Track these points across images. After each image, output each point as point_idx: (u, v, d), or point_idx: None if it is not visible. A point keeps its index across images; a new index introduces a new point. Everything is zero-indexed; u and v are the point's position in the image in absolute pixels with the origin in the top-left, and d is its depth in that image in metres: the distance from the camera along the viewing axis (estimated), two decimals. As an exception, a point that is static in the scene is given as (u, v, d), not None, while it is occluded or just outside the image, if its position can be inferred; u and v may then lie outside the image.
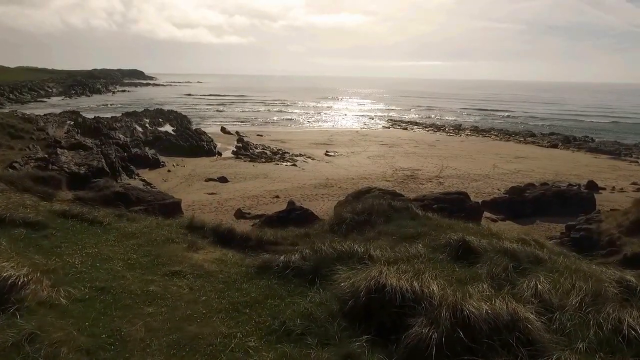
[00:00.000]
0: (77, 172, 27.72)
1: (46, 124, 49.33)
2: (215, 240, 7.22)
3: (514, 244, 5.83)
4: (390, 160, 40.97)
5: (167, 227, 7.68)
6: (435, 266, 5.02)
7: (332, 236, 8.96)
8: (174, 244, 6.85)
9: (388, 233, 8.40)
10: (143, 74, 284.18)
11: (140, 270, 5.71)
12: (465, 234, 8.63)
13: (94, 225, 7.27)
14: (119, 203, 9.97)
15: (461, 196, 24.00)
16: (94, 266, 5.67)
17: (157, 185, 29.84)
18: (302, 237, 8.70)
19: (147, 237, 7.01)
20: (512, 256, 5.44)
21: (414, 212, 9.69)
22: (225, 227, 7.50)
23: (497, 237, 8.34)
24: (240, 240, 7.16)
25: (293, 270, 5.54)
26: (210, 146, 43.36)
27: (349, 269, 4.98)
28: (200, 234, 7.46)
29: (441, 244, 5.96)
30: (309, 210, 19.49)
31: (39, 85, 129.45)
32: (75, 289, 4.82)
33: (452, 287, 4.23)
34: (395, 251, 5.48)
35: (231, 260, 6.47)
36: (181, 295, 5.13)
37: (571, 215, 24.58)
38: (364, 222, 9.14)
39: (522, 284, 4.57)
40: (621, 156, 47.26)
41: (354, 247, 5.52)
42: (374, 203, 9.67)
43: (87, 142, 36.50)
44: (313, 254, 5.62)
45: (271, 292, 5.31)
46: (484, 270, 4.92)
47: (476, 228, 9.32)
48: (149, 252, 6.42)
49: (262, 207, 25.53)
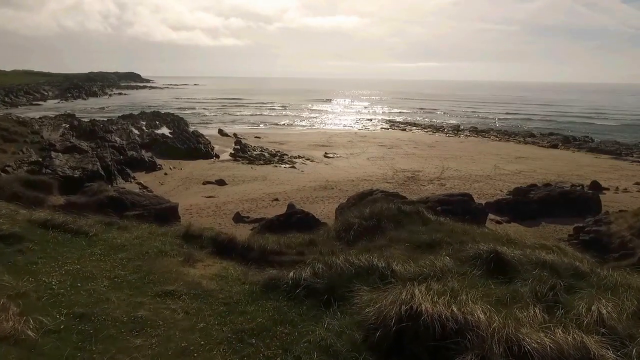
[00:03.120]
0: (72, 175, 27.06)
1: (41, 127, 48.62)
2: (214, 250, 6.52)
3: (551, 255, 5.15)
4: (390, 162, 40.39)
5: (160, 238, 6.94)
6: (469, 283, 4.34)
7: (340, 243, 8.32)
8: (168, 257, 6.14)
9: (400, 240, 7.76)
10: (140, 76, 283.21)
11: (128, 291, 4.98)
12: (482, 240, 7.99)
13: (79, 236, 6.50)
14: (110, 210, 9.30)
15: (465, 198, 23.42)
16: (74, 287, 4.92)
17: (153, 188, 29.18)
18: (308, 245, 8.06)
19: (138, 250, 6.29)
20: (551, 269, 4.79)
21: (425, 217, 9.06)
22: (224, 237, 6.78)
23: (516, 244, 7.72)
24: (242, 250, 6.48)
25: (304, 289, 4.84)
26: (208, 148, 42.69)
27: (370, 289, 4.30)
28: (198, 244, 6.78)
29: (469, 255, 5.28)
30: (310, 214, 18.85)
31: (35, 88, 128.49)
32: (49, 317, 4.08)
33: (500, 313, 3.52)
34: (420, 265, 4.81)
35: (232, 275, 5.78)
36: (175, 321, 4.42)
37: (577, 217, 24.05)
38: (372, 227, 8.50)
39: (578, 306, 3.85)
40: (622, 156, 46.84)
41: (373, 262, 4.82)
42: (383, 207, 9.03)
43: (83, 145, 35.82)
44: (327, 269, 4.93)
45: (280, 316, 4.59)
46: (526, 288, 4.25)
47: (493, 233, 8.70)
48: (140, 267, 5.70)
49: (261, 211, 24.88)
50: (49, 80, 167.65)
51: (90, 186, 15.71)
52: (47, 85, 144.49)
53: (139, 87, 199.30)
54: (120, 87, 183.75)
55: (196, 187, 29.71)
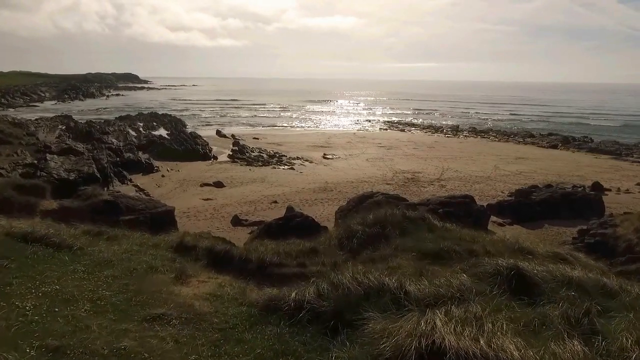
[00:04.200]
0: (67, 178, 26.57)
1: (37, 128, 48.16)
2: (210, 263, 6.06)
3: (576, 271, 4.72)
4: (390, 163, 40.01)
5: (151, 250, 6.45)
6: (492, 306, 3.89)
7: (342, 252, 7.88)
8: (158, 274, 5.65)
9: (406, 249, 7.34)
10: (137, 77, 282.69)
11: (111, 316, 4.46)
12: (492, 248, 7.58)
13: (61, 251, 5.95)
14: (99, 219, 8.87)
15: (467, 200, 23.01)
16: (51, 312, 4.37)
17: (150, 191, 28.73)
18: (309, 253, 7.64)
19: (126, 266, 5.79)
20: (578, 287, 4.36)
21: (431, 223, 8.66)
22: (220, 248, 6.31)
23: (531, 253, 7.31)
24: (239, 262, 6.04)
25: (308, 312, 4.37)
26: (206, 150, 42.27)
27: (382, 314, 3.84)
28: (192, 256, 6.32)
29: (487, 271, 4.84)
30: (310, 217, 18.40)
31: (32, 89, 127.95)
32: (17, 352, 3.51)
33: (534, 346, 3.08)
34: (435, 285, 4.36)
35: (229, 294, 5.30)
36: (163, 352, 3.90)
37: (580, 219, 23.69)
38: (376, 235, 8.09)
39: (621, 338, 3.37)
40: (622, 156, 46.53)
41: (384, 281, 4.34)
42: (387, 213, 8.61)
43: (79, 147, 35.32)
44: (332, 289, 4.46)
45: (282, 346, 4.10)
46: (556, 312, 3.81)
47: (502, 241, 8.28)
48: (126, 287, 5.20)
49: (259, 213, 24.47)
50: (46, 82, 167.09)
51: (84, 190, 15.25)
52: (44, 86, 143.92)
53: (137, 88, 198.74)
54: (118, 88, 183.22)
55: (194, 190, 29.28)
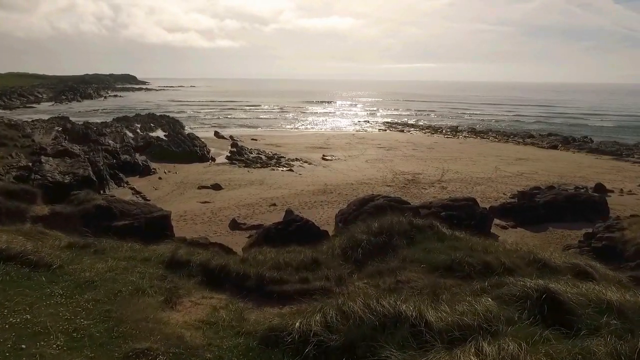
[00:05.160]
0: (61, 181, 26.04)
1: (33, 130, 47.56)
2: (205, 280, 5.54)
3: (615, 294, 4.21)
4: (390, 164, 39.57)
5: (140, 266, 5.87)
6: (526, 339, 3.37)
7: (346, 264, 7.40)
8: (146, 297, 5.04)
9: (415, 260, 6.87)
10: (135, 78, 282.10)
11: (88, 352, 3.84)
12: (507, 258, 7.11)
13: (39, 270, 5.30)
14: (87, 230, 8.39)
15: (470, 203, 22.56)
16: (16, 350, 3.73)
17: (147, 193, 28.23)
18: (311, 264, 7.16)
19: (110, 288, 5.19)
20: (619, 315, 3.87)
21: (440, 232, 8.18)
22: (216, 264, 5.75)
23: (546, 264, 6.85)
24: (236, 278, 5.53)
25: (315, 347, 3.82)
26: (204, 151, 41.77)
27: (400, 351, 3.34)
28: (186, 272, 5.79)
29: (513, 293, 4.32)
30: (310, 222, 17.90)
31: (29, 90, 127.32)
32: None
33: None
34: (458, 312, 3.86)
35: (224, 321, 4.73)
36: None
37: (584, 221, 23.25)
38: (382, 245, 7.61)
39: None
40: (623, 157, 46.20)
41: (400, 309, 3.77)
42: (393, 221, 8.13)
43: (75, 149, 34.75)
44: (342, 319, 3.92)
45: None
46: (602, 347, 3.29)
47: (516, 250, 7.80)
48: (108, 314, 4.59)
49: (258, 217, 23.98)
50: (43, 83, 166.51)
51: (77, 195, 14.73)
52: (41, 87, 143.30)
53: (135, 89, 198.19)
54: (115, 89, 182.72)
55: (191, 192, 28.77)
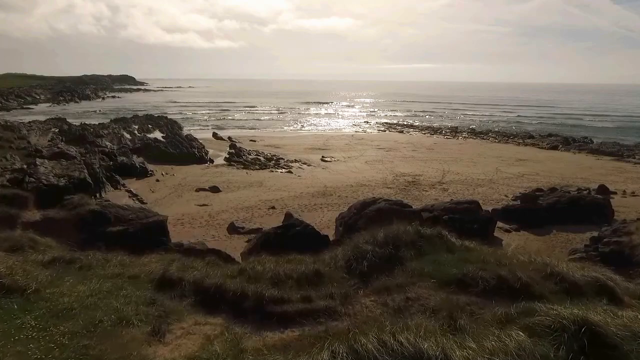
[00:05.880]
0: (56, 184, 25.62)
1: (29, 131, 47.14)
2: (198, 301, 5.14)
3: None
4: (389, 165, 39.27)
5: (127, 287, 5.29)
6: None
7: (352, 278, 7.06)
8: (130, 327, 4.46)
9: (424, 274, 6.53)
10: (134, 79, 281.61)
11: None
12: (522, 271, 6.78)
13: (12, 295, 4.61)
14: (73, 244, 8.02)
15: (472, 206, 22.26)
16: None
17: (144, 196, 27.87)
18: (313, 277, 6.82)
19: (90, 316, 4.54)
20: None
21: (450, 242, 7.84)
22: (211, 282, 5.24)
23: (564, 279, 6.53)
24: (233, 298, 5.13)
25: None
26: (202, 153, 41.39)
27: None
28: (178, 293, 5.31)
29: (545, 324, 3.89)
30: (310, 226, 17.58)
31: (27, 91, 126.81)
32: None
33: None
34: (487, 351, 3.47)
35: (218, 355, 4.21)
36: None
37: (589, 224, 22.94)
38: (389, 256, 7.27)
39: None
40: (624, 157, 45.89)
41: (421, 347, 3.36)
42: (399, 231, 7.78)
43: (71, 151, 34.33)
44: (352, 357, 3.51)
45: None
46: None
47: (530, 262, 7.42)
48: (86, 350, 4.01)
49: (257, 220, 23.64)
50: (41, 84, 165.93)
51: (71, 199, 14.38)
52: (39, 88, 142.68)
53: (133, 90, 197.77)
54: (114, 90, 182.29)
55: (189, 195, 28.42)
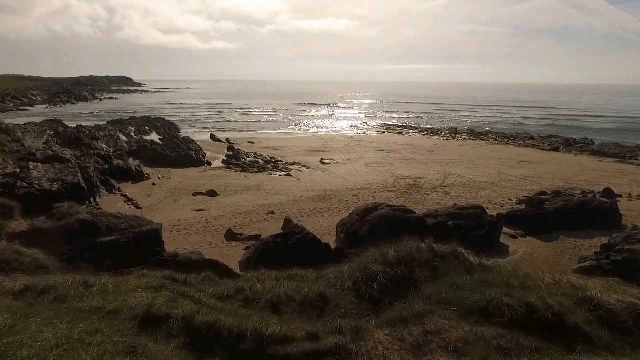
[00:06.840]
0: (49, 189, 24.93)
1: (24, 134, 46.40)
2: (189, 342, 4.33)
3: None
4: (390, 168, 38.65)
5: (105, 330, 4.29)
6: None
7: (361, 303, 6.40)
8: None
9: (442, 301, 5.84)
10: (131, 80, 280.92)
11: None
12: (553, 301, 6.14)
13: None
14: (60, 256, 7.34)
15: (478, 211, 21.64)
16: None
17: (139, 201, 27.14)
18: (318, 304, 6.17)
19: None
20: None
21: (467, 261, 7.14)
22: (203, 321, 4.43)
23: (599, 306, 5.89)
24: (229, 339, 4.35)
25: None
26: (199, 155, 40.63)
27: None
28: (164, 332, 4.48)
29: None
30: (310, 234, 16.90)
31: (23, 93, 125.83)
32: None
33: None
34: None
35: None
36: None
37: (597, 229, 22.41)
38: (401, 278, 6.59)
39: None
40: (626, 159, 45.30)
41: None
42: (412, 250, 7.09)
43: (65, 154, 33.61)
44: None
45: None
46: None
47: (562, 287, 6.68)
48: None
49: (255, 226, 22.98)
50: (38, 85, 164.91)
51: (59, 208, 13.68)
52: (35, 90, 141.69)
53: (130, 92, 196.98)
54: (111, 92, 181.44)
55: (186, 199, 27.71)
